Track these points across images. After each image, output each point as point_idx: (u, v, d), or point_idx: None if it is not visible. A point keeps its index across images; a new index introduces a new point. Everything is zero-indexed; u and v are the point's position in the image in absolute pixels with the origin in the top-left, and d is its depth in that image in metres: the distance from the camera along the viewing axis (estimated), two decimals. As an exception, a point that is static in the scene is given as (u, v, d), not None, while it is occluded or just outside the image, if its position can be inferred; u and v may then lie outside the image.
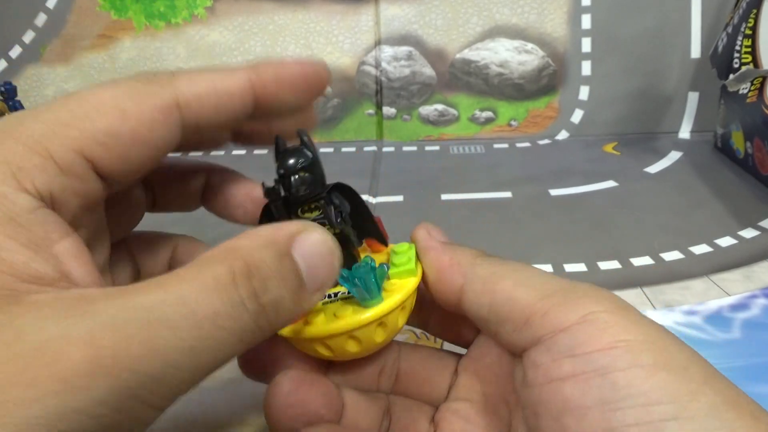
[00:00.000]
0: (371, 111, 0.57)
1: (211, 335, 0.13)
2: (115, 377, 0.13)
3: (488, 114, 0.57)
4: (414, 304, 0.20)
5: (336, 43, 0.56)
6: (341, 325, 0.18)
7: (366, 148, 0.56)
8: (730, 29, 0.47)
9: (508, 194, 0.45)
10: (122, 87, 0.15)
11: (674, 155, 0.51)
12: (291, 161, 0.19)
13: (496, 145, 0.55)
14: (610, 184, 0.46)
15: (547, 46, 0.55)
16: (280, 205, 0.20)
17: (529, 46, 0.55)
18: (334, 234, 0.18)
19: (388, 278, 0.19)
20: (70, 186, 0.15)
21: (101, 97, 0.15)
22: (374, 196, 0.46)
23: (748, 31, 0.45)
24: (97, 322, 0.12)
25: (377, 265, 0.19)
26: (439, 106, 0.57)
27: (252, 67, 0.17)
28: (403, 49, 0.56)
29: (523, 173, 0.49)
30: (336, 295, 0.20)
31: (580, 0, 0.54)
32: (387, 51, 0.56)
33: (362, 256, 0.21)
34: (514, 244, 0.38)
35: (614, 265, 0.35)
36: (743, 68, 0.45)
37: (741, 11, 0.46)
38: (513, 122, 0.57)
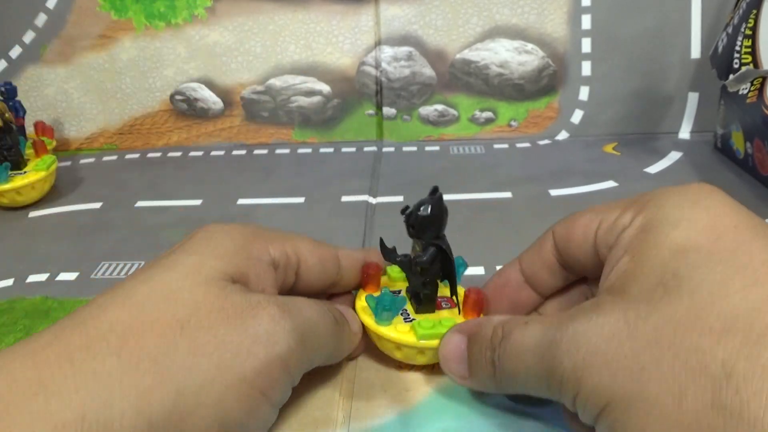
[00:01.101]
0: (371, 111, 0.57)
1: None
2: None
3: (488, 114, 0.57)
4: None
5: (336, 44, 0.56)
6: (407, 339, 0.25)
7: (366, 148, 0.56)
8: (730, 29, 0.47)
9: (508, 194, 0.45)
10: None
11: (674, 155, 0.51)
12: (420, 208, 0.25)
13: (496, 146, 0.55)
14: (610, 184, 0.46)
15: (547, 46, 0.55)
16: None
17: (529, 46, 0.55)
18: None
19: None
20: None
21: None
22: (374, 196, 0.46)
23: (748, 32, 0.45)
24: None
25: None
26: (439, 107, 0.57)
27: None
28: (403, 50, 0.56)
29: (523, 173, 0.49)
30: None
31: (580, 0, 0.54)
32: (387, 51, 0.56)
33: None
34: (514, 244, 0.38)
35: (614, 265, 0.35)
36: (743, 69, 0.45)
37: (741, 11, 0.46)
38: (513, 122, 0.57)
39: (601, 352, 0.17)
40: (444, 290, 0.27)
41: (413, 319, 0.26)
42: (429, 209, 0.25)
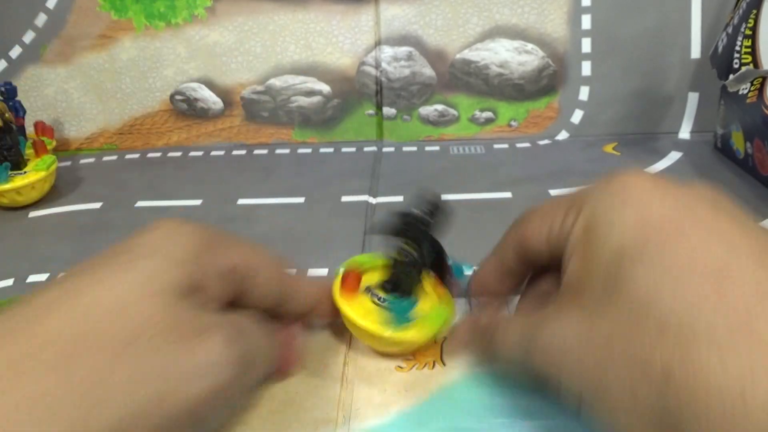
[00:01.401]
0: (371, 111, 0.57)
1: None
2: None
3: (488, 114, 0.57)
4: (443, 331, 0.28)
5: (336, 44, 0.56)
6: (364, 325, 0.26)
7: (366, 148, 0.56)
8: (730, 29, 0.47)
9: (508, 194, 0.45)
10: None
11: (674, 155, 0.51)
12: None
13: (496, 146, 0.55)
14: (610, 184, 0.46)
15: (547, 46, 0.55)
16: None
17: (529, 46, 0.55)
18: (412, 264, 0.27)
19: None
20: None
21: None
22: (374, 196, 0.46)
23: (748, 32, 0.45)
24: None
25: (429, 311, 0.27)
26: (439, 107, 0.57)
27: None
28: (403, 50, 0.56)
29: (523, 173, 0.49)
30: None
31: (580, 0, 0.54)
32: (387, 51, 0.56)
33: (427, 289, 0.29)
34: (514, 244, 0.38)
35: (614, 265, 0.35)
36: (743, 69, 0.45)
37: (741, 11, 0.46)
38: (513, 122, 0.57)
39: (570, 351, 0.19)
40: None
41: (385, 300, 0.27)
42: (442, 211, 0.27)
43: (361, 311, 0.26)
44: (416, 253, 0.27)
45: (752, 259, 0.16)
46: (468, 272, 0.30)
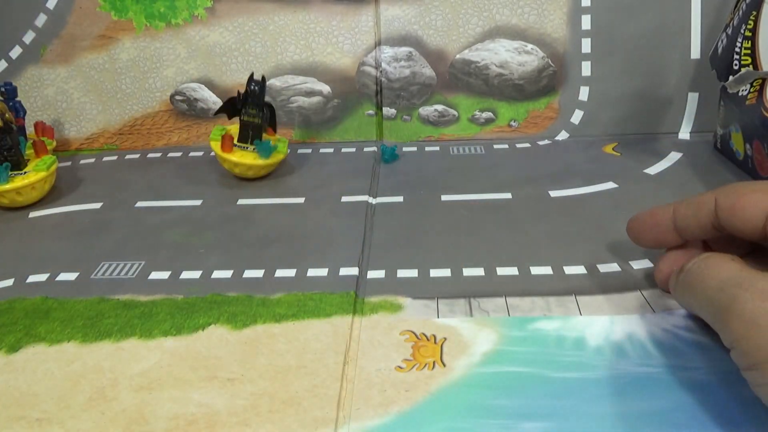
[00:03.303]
0: (371, 111, 0.57)
1: None
2: None
3: (488, 114, 0.57)
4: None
5: (336, 44, 0.56)
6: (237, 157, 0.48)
7: (366, 148, 0.56)
8: (729, 30, 0.47)
9: (508, 195, 0.45)
10: None
11: (674, 156, 0.51)
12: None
13: (496, 146, 0.55)
14: (610, 185, 0.46)
15: (547, 46, 0.55)
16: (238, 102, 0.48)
17: (529, 46, 0.55)
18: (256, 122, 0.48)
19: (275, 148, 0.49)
20: None
21: None
22: (374, 196, 0.46)
23: (748, 33, 0.45)
24: None
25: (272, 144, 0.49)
26: (439, 107, 0.57)
27: None
28: (403, 50, 0.56)
29: (523, 174, 0.49)
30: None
31: (580, 0, 0.54)
32: (387, 51, 0.56)
33: (265, 137, 0.49)
34: (513, 245, 0.38)
35: (614, 267, 0.35)
36: (743, 70, 0.45)
37: (741, 13, 0.46)
38: (513, 123, 0.57)
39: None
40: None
41: (245, 147, 0.49)
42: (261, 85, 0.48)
43: (239, 156, 0.48)
44: (259, 116, 0.48)
45: None
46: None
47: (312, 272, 0.36)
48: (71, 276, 0.37)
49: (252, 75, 0.47)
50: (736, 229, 0.26)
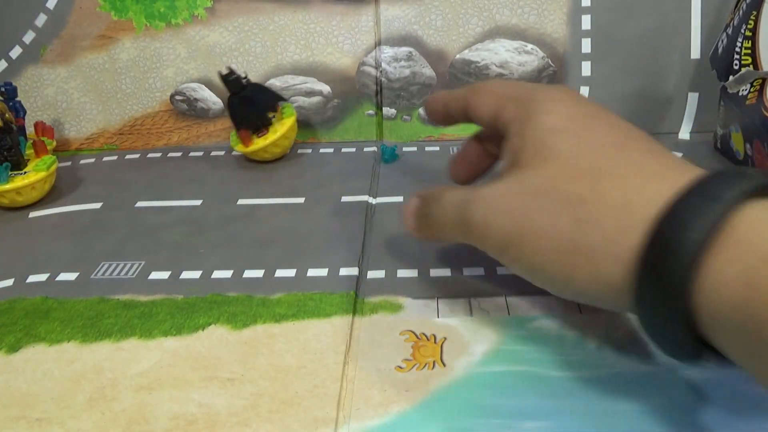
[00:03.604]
0: (371, 111, 0.57)
1: None
2: None
3: (488, 114, 0.57)
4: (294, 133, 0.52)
5: (336, 44, 0.56)
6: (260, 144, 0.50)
7: (366, 149, 0.56)
8: (730, 30, 0.47)
9: (508, 195, 0.45)
10: None
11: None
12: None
13: (496, 146, 0.55)
14: (610, 184, 0.46)
15: (547, 46, 0.55)
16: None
17: (529, 46, 0.55)
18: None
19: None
20: None
21: None
22: (374, 196, 0.46)
23: (748, 33, 0.45)
24: None
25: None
26: (439, 107, 0.57)
27: None
28: (403, 50, 0.56)
29: (523, 174, 0.49)
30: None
31: (580, 0, 0.54)
32: (387, 51, 0.56)
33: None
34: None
35: (614, 265, 0.35)
36: (743, 70, 0.45)
37: (741, 12, 0.46)
38: (513, 123, 0.57)
39: (502, 203, 0.25)
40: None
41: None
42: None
43: (261, 142, 0.50)
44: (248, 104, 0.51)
45: (637, 140, 0.26)
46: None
47: (312, 272, 0.36)
48: (71, 276, 0.37)
49: (220, 74, 0.50)
50: (475, 120, 0.32)
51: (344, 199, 0.46)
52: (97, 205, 0.47)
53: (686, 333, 0.20)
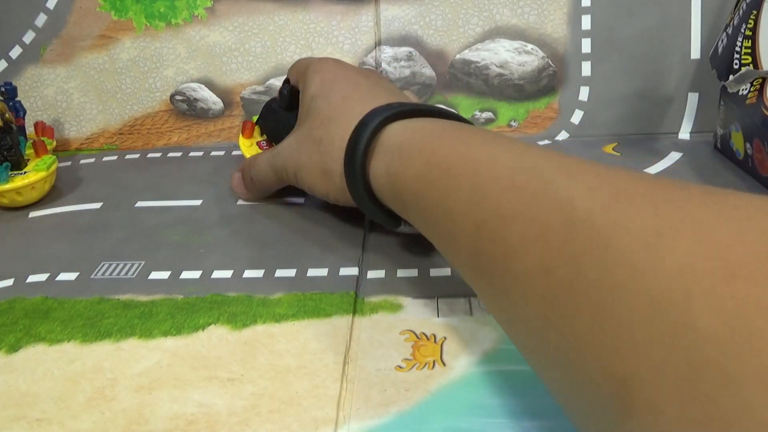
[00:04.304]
0: (371, 111, 0.57)
1: None
2: None
3: (488, 114, 0.57)
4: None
5: (336, 44, 0.56)
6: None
7: (366, 149, 0.56)
8: (730, 30, 0.47)
9: (508, 195, 0.45)
10: None
11: (674, 156, 0.51)
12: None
13: (496, 146, 0.55)
14: (610, 184, 0.46)
15: (547, 46, 0.55)
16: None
17: (529, 46, 0.55)
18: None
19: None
20: None
21: None
22: (374, 196, 0.46)
23: (748, 32, 0.45)
24: None
25: None
26: (440, 107, 0.57)
27: None
28: (403, 50, 0.56)
29: (523, 174, 0.49)
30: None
31: (580, 0, 0.54)
32: (387, 51, 0.56)
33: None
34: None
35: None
36: (743, 69, 0.45)
37: (741, 12, 0.46)
38: (513, 123, 0.57)
39: (288, 150, 0.38)
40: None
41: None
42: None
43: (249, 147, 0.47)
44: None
45: (360, 90, 0.37)
46: None
47: (312, 272, 0.36)
48: (71, 276, 0.37)
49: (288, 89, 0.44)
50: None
51: (344, 199, 0.46)
52: (97, 205, 0.47)
53: (377, 207, 0.32)
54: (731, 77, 0.47)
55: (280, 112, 0.44)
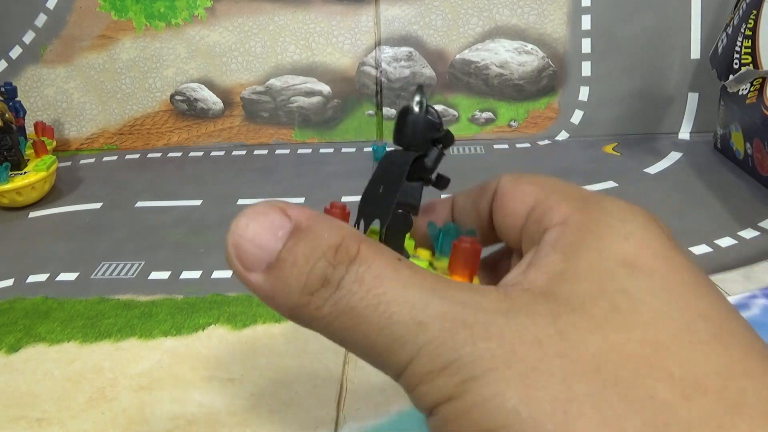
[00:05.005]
0: (371, 111, 0.57)
1: None
2: None
3: (488, 115, 0.57)
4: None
5: (336, 44, 0.56)
6: None
7: (366, 149, 0.56)
8: (730, 30, 0.47)
9: (508, 195, 0.45)
10: None
11: (674, 156, 0.51)
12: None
13: (496, 146, 0.55)
14: (610, 184, 0.46)
15: (547, 46, 0.55)
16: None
17: (529, 46, 0.55)
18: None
19: None
20: None
21: None
22: (374, 196, 0.46)
23: (748, 32, 0.45)
24: None
25: None
26: (439, 107, 0.57)
27: None
28: (403, 50, 0.56)
29: (523, 174, 0.49)
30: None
31: (579, 1, 0.54)
32: (387, 51, 0.56)
33: None
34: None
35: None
36: (743, 69, 0.45)
37: (741, 12, 0.46)
38: (513, 123, 0.57)
39: (518, 358, 0.13)
40: None
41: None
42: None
43: None
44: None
45: (737, 327, 0.14)
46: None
47: (312, 272, 0.36)
48: (71, 276, 0.37)
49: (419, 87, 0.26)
50: (499, 223, 0.19)
51: (344, 199, 0.46)
52: (97, 205, 0.47)
53: None
54: (731, 77, 0.47)
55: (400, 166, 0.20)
